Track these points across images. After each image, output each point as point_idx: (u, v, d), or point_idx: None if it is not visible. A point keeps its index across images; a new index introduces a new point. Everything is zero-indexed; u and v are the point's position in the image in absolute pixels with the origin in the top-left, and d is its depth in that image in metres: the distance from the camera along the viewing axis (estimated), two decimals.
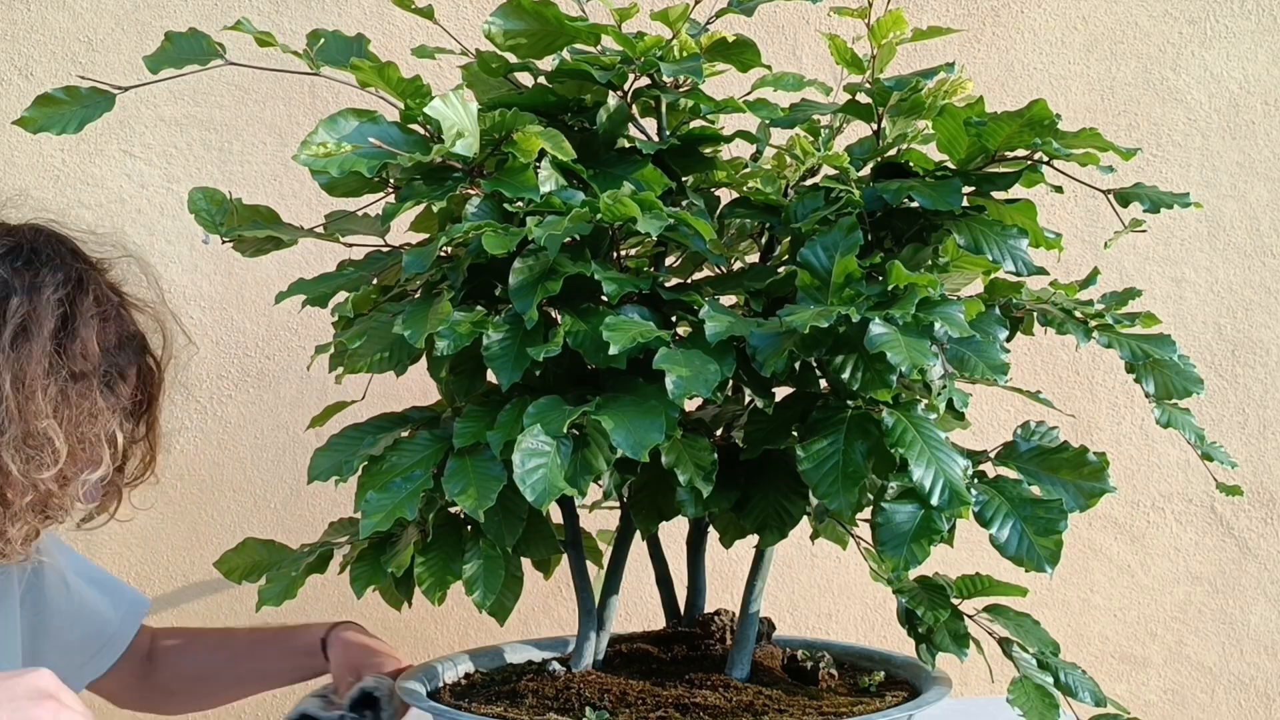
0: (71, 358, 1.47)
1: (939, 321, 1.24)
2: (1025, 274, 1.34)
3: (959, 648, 1.43)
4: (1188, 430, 1.41)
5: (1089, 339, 1.40)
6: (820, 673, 1.47)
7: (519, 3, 1.36)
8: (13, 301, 1.45)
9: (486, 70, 1.43)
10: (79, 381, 1.47)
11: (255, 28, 1.35)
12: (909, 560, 1.28)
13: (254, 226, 1.44)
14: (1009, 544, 1.30)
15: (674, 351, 1.25)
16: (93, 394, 1.48)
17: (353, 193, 1.41)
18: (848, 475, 1.28)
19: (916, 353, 1.21)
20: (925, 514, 1.29)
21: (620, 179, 1.35)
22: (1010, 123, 1.31)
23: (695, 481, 1.31)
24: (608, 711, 1.36)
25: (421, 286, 1.40)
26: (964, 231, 1.35)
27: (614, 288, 1.29)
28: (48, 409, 1.44)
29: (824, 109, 1.47)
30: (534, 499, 1.24)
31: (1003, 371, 1.29)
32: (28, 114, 1.35)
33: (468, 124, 1.31)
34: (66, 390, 1.46)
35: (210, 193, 1.44)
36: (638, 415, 1.26)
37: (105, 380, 1.51)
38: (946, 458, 1.28)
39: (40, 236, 1.52)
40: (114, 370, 1.52)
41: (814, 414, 1.32)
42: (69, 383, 1.46)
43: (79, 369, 1.48)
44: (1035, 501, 1.31)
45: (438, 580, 1.39)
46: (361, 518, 1.30)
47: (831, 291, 1.27)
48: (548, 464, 1.25)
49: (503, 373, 1.28)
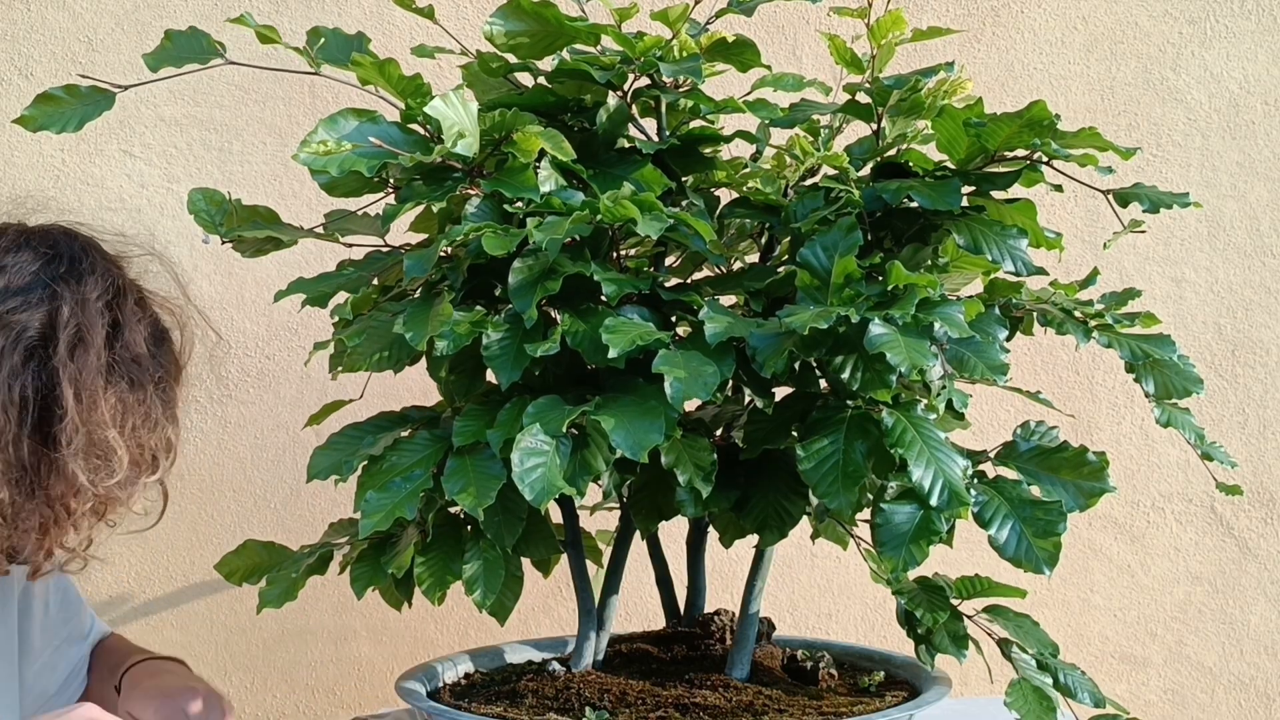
0: (125, 364, 1.45)
1: (939, 322, 1.24)
2: (1025, 274, 1.34)
3: (958, 649, 1.43)
4: (1188, 430, 1.41)
5: (1089, 339, 1.40)
6: (820, 673, 1.47)
7: (519, 3, 1.36)
8: (64, 311, 1.42)
9: (487, 70, 1.43)
10: (136, 390, 1.45)
11: (257, 23, 1.35)
12: (908, 561, 1.28)
13: (253, 227, 1.44)
14: (1008, 545, 1.30)
15: (673, 354, 1.25)
16: (149, 400, 1.46)
17: (352, 193, 1.41)
18: (848, 475, 1.28)
19: (916, 353, 1.21)
20: (924, 514, 1.29)
21: (620, 179, 1.35)
22: (1010, 123, 1.31)
23: (695, 481, 1.31)
24: (608, 711, 1.36)
25: (421, 286, 1.40)
26: (964, 231, 1.35)
27: (613, 288, 1.29)
28: (109, 418, 1.42)
29: (824, 109, 1.47)
30: (532, 498, 1.24)
31: (1002, 372, 1.29)
32: (28, 112, 1.35)
33: (468, 124, 1.31)
34: (125, 398, 1.44)
35: (209, 193, 1.44)
36: (637, 415, 1.26)
37: (159, 385, 1.49)
38: (946, 458, 1.28)
39: (76, 242, 1.49)
40: (164, 373, 1.51)
41: (814, 414, 1.33)
42: (127, 391, 1.44)
43: (135, 376, 1.46)
44: (1035, 503, 1.31)
45: (438, 580, 1.39)
46: (361, 518, 1.30)
47: (831, 292, 1.27)
48: (546, 463, 1.25)
49: (502, 372, 1.28)
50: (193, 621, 2.10)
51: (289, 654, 2.12)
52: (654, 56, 1.37)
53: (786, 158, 1.44)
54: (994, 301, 1.39)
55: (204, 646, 2.09)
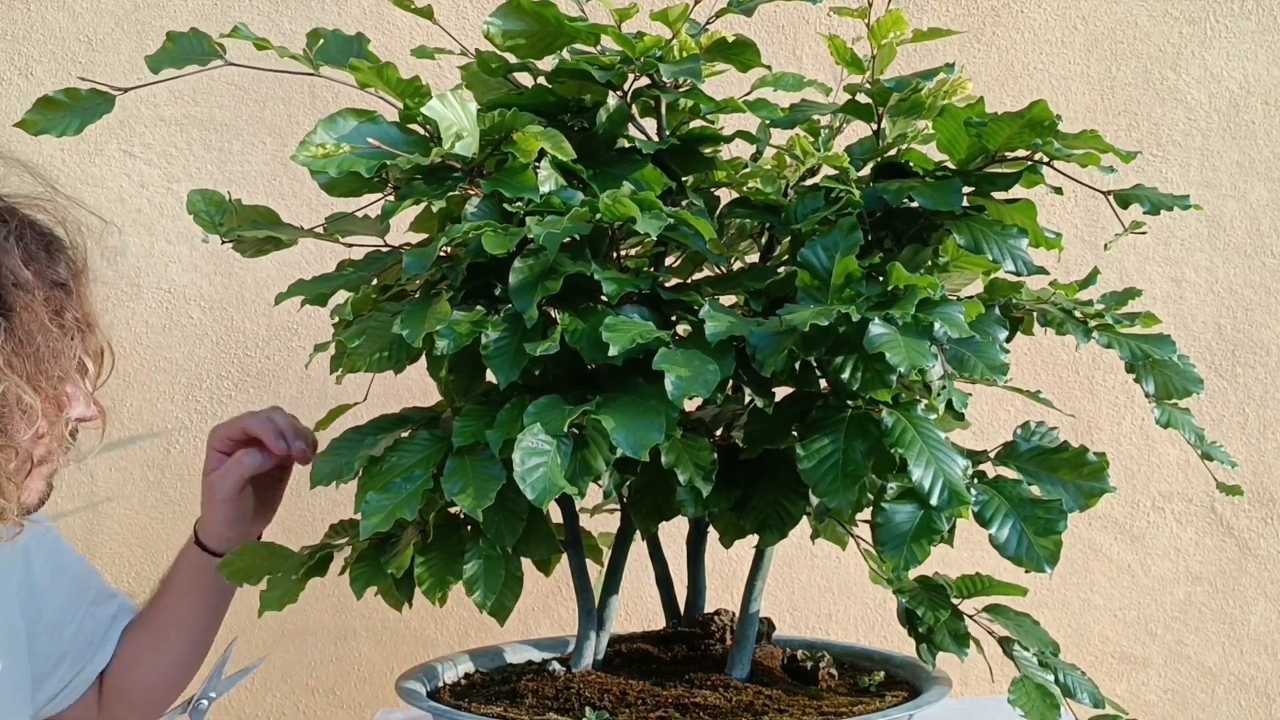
0: (7, 292, 1.32)
1: (939, 322, 1.24)
2: (1025, 274, 1.34)
3: (959, 647, 1.43)
4: (1188, 430, 1.41)
5: (1089, 339, 1.40)
6: (820, 672, 1.47)
7: (519, 3, 1.36)
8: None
9: (486, 70, 1.43)
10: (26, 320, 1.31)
11: (253, 33, 1.35)
12: (909, 560, 1.28)
13: (253, 227, 1.44)
14: (1008, 544, 1.30)
15: (673, 352, 1.25)
16: (44, 329, 1.33)
17: (352, 193, 1.41)
18: (847, 474, 1.28)
19: (916, 353, 1.21)
20: (925, 514, 1.29)
21: (620, 179, 1.35)
22: (1010, 123, 1.31)
23: (695, 481, 1.31)
24: (607, 711, 1.36)
25: (421, 286, 1.40)
26: (964, 231, 1.35)
27: (614, 288, 1.29)
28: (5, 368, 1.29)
29: (824, 109, 1.47)
30: (534, 498, 1.24)
31: (1002, 372, 1.29)
32: (29, 116, 1.35)
33: (466, 124, 1.31)
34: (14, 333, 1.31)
35: (209, 194, 1.44)
36: (638, 415, 1.25)
37: (52, 308, 1.36)
38: (946, 458, 1.28)
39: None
40: (55, 290, 1.37)
41: (814, 413, 1.32)
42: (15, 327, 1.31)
43: (17, 302, 1.32)
44: (1035, 501, 1.31)
45: (438, 580, 1.39)
46: (361, 519, 1.30)
47: (831, 291, 1.27)
48: (548, 463, 1.25)
49: (501, 372, 1.28)
50: None
51: (289, 654, 2.12)
52: (654, 57, 1.37)
53: (787, 158, 1.44)
54: (994, 301, 1.39)
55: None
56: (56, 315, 1.38)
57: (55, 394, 1.36)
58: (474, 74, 1.46)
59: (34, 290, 1.35)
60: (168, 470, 2.11)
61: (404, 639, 2.11)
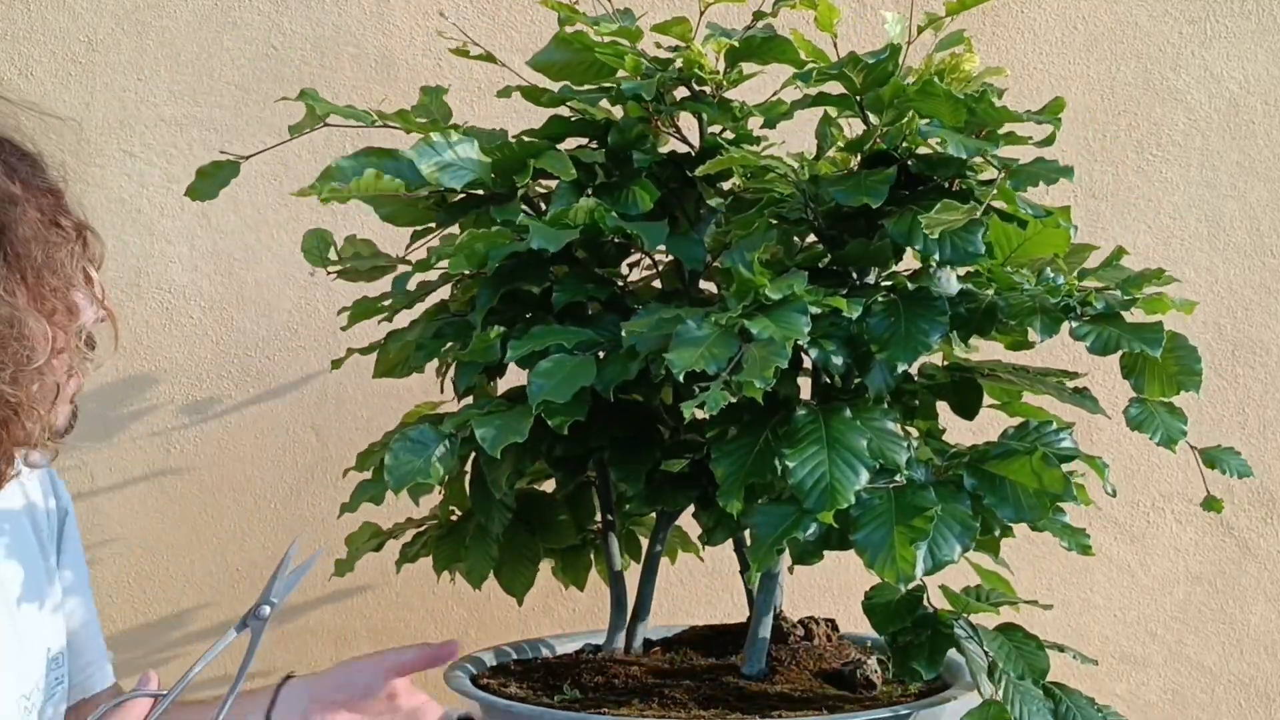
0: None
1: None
2: (960, 263, 1.31)
3: (930, 666, 1.35)
4: (1157, 433, 1.39)
5: (1052, 333, 1.35)
6: (857, 677, 1.44)
7: (563, 35, 1.42)
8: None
9: (534, 102, 1.49)
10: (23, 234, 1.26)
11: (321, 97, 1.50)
12: (761, 562, 1.26)
13: (355, 259, 1.56)
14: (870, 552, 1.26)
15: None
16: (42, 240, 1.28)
17: (412, 222, 1.50)
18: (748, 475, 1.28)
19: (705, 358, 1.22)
20: (796, 517, 1.26)
21: (619, 190, 1.42)
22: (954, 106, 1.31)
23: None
24: (636, 699, 1.38)
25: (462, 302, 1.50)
26: (899, 224, 1.31)
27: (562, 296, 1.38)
28: (5, 295, 1.24)
29: (802, 104, 1.47)
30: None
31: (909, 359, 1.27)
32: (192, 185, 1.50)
33: (465, 158, 1.41)
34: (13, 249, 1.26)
35: (322, 234, 1.57)
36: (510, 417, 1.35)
37: (47, 216, 1.31)
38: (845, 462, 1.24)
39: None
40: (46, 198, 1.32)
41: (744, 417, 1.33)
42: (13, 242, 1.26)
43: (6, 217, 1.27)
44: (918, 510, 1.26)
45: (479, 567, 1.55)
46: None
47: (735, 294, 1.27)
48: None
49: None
50: (193, 621, 2.10)
51: (289, 654, 2.12)
52: (674, 74, 1.42)
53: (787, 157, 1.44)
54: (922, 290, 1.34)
55: (203, 647, 2.09)
56: (53, 224, 1.33)
57: (65, 303, 1.31)
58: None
59: (23, 203, 1.29)
60: (168, 469, 2.11)
61: (404, 639, 2.11)
